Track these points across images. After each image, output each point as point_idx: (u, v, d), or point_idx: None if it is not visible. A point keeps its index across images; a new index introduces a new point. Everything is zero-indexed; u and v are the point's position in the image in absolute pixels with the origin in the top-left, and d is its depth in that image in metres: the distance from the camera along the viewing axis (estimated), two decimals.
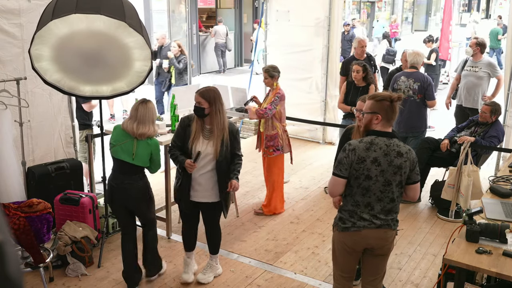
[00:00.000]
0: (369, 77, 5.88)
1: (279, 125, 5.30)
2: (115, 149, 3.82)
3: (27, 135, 4.66)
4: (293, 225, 5.25)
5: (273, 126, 5.28)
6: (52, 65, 3.94)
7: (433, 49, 10.47)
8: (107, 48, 3.93)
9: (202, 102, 3.64)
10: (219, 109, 3.65)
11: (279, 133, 5.28)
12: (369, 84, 5.88)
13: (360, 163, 2.90)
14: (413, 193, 3.03)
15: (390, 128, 2.98)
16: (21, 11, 4.48)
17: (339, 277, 3.19)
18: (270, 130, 5.28)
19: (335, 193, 3.06)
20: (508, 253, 2.81)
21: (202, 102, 3.64)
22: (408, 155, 2.92)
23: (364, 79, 5.86)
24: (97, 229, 4.57)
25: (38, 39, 3.68)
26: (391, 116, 2.95)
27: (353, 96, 5.90)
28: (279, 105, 5.21)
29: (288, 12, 7.91)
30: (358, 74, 5.84)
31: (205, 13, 17.68)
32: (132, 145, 3.77)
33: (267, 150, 5.33)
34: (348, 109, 5.96)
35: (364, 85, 5.88)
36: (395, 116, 2.97)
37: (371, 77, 5.92)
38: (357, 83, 5.91)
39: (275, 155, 5.32)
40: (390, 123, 2.96)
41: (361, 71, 5.82)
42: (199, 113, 3.66)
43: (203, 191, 3.82)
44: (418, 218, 5.44)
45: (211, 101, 3.63)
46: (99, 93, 4.23)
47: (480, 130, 5.49)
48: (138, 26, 3.73)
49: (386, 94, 2.98)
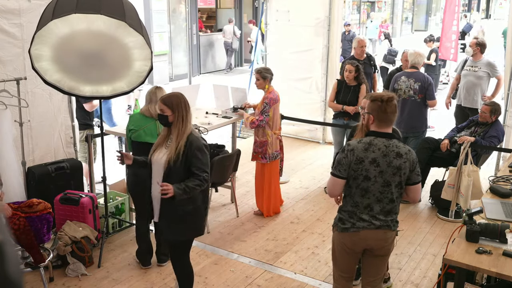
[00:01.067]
0: (360, 77, 5.87)
1: (271, 133, 5.22)
2: (138, 133, 4.02)
3: (27, 135, 4.65)
4: (293, 225, 5.25)
5: (264, 133, 5.23)
6: (52, 65, 3.94)
7: (432, 49, 10.47)
8: (107, 48, 3.93)
9: (165, 109, 3.31)
10: (182, 117, 3.29)
11: (268, 141, 5.21)
12: (360, 84, 5.88)
13: (358, 164, 2.90)
14: (413, 194, 3.01)
15: (388, 128, 2.95)
16: (21, 11, 4.48)
17: (339, 277, 3.20)
18: (261, 136, 5.25)
19: (334, 194, 3.06)
20: (508, 253, 2.81)
21: (165, 109, 3.30)
22: (408, 156, 2.90)
23: (355, 79, 5.86)
24: (97, 229, 4.57)
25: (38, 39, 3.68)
26: (382, 117, 2.90)
27: (344, 95, 5.90)
28: (271, 111, 5.15)
29: (288, 12, 7.91)
30: (350, 74, 5.83)
31: (205, 13, 17.69)
32: (156, 126, 4.01)
33: (255, 155, 5.32)
34: (339, 108, 5.95)
35: (355, 84, 5.88)
36: (388, 117, 2.91)
37: (363, 77, 5.92)
38: (348, 83, 5.91)
39: (262, 162, 5.30)
40: (385, 124, 2.92)
41: (353, 71, 5.82)
42: (163, 121, 3.35)
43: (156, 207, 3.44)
44: (418, 218, 5.44)
45: (174, 108, 3.29)
46: (99, 93, 4.23)
47: (480, 130, 5.49)
48: (138, 26, 3.73)
49: (379, 94, 2.97)
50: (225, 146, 5.45)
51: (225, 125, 5.56)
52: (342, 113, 5.97)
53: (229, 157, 5.08)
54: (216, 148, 5.27)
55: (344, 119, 5.99)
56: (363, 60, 7.01)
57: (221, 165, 4.95)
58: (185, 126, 3.30)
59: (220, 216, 5.42)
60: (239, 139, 7.40)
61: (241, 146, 6.17)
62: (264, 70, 5.30)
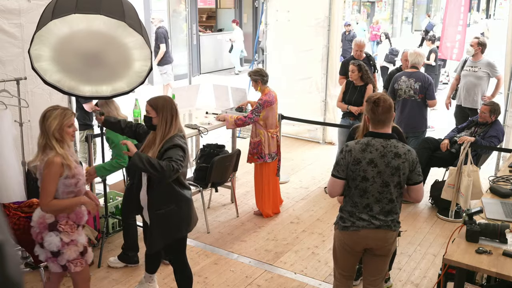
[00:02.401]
0: (365, 77, 5.87)
1: (264, 132, 5.19)
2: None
3: (27, 135, 4.65)
4: (293, 225, 5.25)
5: (257, 133, 5.22)
6: (51, 65, 3.93)
7: (432, 49, 10.46)
8: (107, 48, 3.93)
9: (150, 110, 3.27)
10: (166, 120, 3.22)
11: (262, 141, 5.20)
12: (366, 84, 5.87)
13: (356, 164, 2.91)
14: (415, 194, 2.99)
15: (385, 128, 2.95)
16: (21, 11, 4.48)
17: (339, 275, 3.22)
18: (254, 137, 5.24)
19: (334, 194, 3.08)
20: (508, 253, 2.81)
21: (150, 111, 3.27)
22: (407, 156, 2.90)
23: (361, 79, 5.86)
24: (97, 229, 4.57)
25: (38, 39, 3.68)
26: (374, 117, 2.92)
27: (351, 95, 5.90)
28: (263, 111, 5.12)
29: (288, 12, 7.91)
30: (354, 74, 5.83)
31: (205, 13, 17.68)
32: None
33: (251, 157, 5.31)
34: (345, 108, 5.96)
35: (362, 84, 5.88)
36: (378, 118, 2.91)
37: (368, 76, 5.91)
38: (355, 83, 5.91)
39: (259, 162, 5.29)
40: (379, 124, 2.93)
41: (356, 71, 5.81)
42: (147, 123, 3.31)
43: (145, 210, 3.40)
44: (418, 218, 5.44)
45: (159, 110, 3.23)
46: (99, 93, 4.23)
47: (480, 130, 5.49)
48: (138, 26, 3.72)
49: (371, 95, 3.00)
50: (225, 146, 5.45)
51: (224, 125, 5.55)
52: (348, 113, 5.97)
53: (229, 157, 5.08)
54: (216, 148, 5.27)
55: (350, 119, 5.99)
56: (362, 60, 7.00)
57: (221, 165, 4.95)
58: (168, 130, 3.22)
59: (220, 216, 5.42)
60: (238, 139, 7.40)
61: (241, 146, 6.17)
62: (253, 73, 5.26)
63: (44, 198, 2.99)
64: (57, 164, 2.97)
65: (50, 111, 3.09)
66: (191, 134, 5.17)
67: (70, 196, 3.06)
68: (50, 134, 3.01)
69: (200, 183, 4.96)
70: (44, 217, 3.05)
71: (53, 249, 3.03)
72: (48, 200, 2.98)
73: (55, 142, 3.00)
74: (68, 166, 3.01)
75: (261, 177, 5.35)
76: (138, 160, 2.98)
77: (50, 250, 3.04)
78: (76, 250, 3.10)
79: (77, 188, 3.08)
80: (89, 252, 3.22)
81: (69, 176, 3.02)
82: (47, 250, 3.04)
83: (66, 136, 3.07)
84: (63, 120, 3.05)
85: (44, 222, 3.04)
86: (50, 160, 2.96)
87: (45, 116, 3.07)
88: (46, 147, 3.02)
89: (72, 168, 3.02)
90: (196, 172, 5.14)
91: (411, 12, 30.64)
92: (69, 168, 3.01)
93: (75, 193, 3.08)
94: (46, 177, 2.98)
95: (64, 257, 3.06)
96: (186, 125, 5.24)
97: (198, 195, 4.93)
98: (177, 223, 3.34)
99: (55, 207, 3.01)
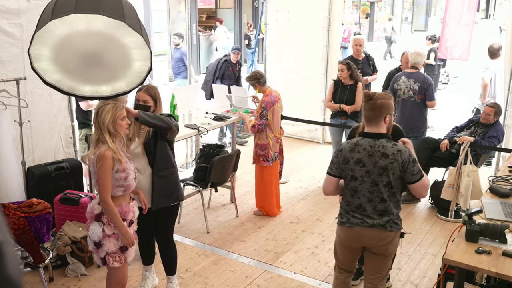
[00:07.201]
0: (354, 75, 5.87)
1: (272, 136, 5.21)
2: None
3: (27, 135, 4.65)
4: (293, 225, 5.25)
5: (266, 136, 5.21)
6: (51, 65, 3.93)
7: (431, 49, 10.45)
8: (107, 48, 3.93)
9: (148, 99, 3.50)
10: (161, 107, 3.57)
11: (270, 144, 5.21)
12: (356, 82, 5.88)
13: (345, 164, 2.98)
14: (416, 192, 3.01)
15: (375, 128, 2.95)
16: (21, 11, 4.48)
17: (338, 268, 3.31)
18: (262, 139, 5.24)
19: (326, 191, 3.14)
20: (508, 253, 2.81)
21: (148, 100, 3.50)
22: (396, 157, 2.86)
23: (351, 77, 5.86)
24: None
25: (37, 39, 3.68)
26: (366, 114, 2.98)
27: (341, 94, 5.91)
28: (269, 113, 5.13)
29: (288, 12, 7.92)
30: (343, 73, 5.84)
31: (205, 13, 17.68)
32: None
33: (257, 158, 5.31)
34: (336, 107, 5.96)
35: (351, 83, 5.88)
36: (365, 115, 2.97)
37: (357, 74, 5.92)
38: (344, 82, 5.92)
39: (264, 165, 5.30)
40: (368, 122, 2.97)
41: (345, 70, 5.82)
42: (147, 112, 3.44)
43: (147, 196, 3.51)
44: (418, 218, 5.44)
45: (157, 98, 3.53)
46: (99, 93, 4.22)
47: (480, 130, 5.49)
48: (137, 26, 3.72)
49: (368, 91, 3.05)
50: (225, 146, 5.45)
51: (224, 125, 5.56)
52: (339, 112, 5.98)
53: (228, 157, 5.08)
54: (216, 148, 5.27)
55: (341, 118, 5.99)
56: (362, 60, 7.00)
57: (221, 165, 4.95)
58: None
59: (219, 216, 5.42)
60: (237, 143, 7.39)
61: (240, 146, 6.17)
62: (249, 79, 5.29)
63: (103, 194, 3.03)
64: (109, 158, 3.01)
65: (102, 106, 3.15)
66: (191, 134, 5.17)
67: (120, 190, 3.10)
68: (104, 128, 3.05)
69: (199, 183, 4.96)
70: (93, 207, 3.12)
71: (94, 239, 3.08)
72: (107, 196, 3.02)
73: (108, 137, 3.05)
74: (119, 161, 3.04)
75: (263, 178, 5.35)
76: (146, 116, 3.28)
77: (92, 240, 3.10)
78: (116, 244, 3.11)
79: (126, 182, 3.11)
80: (130, 250, 3.21)
81: (120, 170, 3.06)
82: (91, 240, 3.11)
83: (120, 129, 3.11)
84: (115, 112, 3.11)
85: (92, 212, 3.11)
86: (102, 154, 3.00)
87: (98, 112, 3.13)
88: (98, 141, 3.07)
89: (122, 162, 3.06)
90: (195, 172, 5.13)
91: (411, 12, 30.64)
92: (119, 162, 3.04)
93: (124, 187, 3.12)
94: (100, 171, 3.02)
95: (104, 248, 3.08)
96: (186, 125, 5.25)
97: (198, 195, 4.93)
98: (173, 186, 3.60)
99: (110, 209, 3.04)
